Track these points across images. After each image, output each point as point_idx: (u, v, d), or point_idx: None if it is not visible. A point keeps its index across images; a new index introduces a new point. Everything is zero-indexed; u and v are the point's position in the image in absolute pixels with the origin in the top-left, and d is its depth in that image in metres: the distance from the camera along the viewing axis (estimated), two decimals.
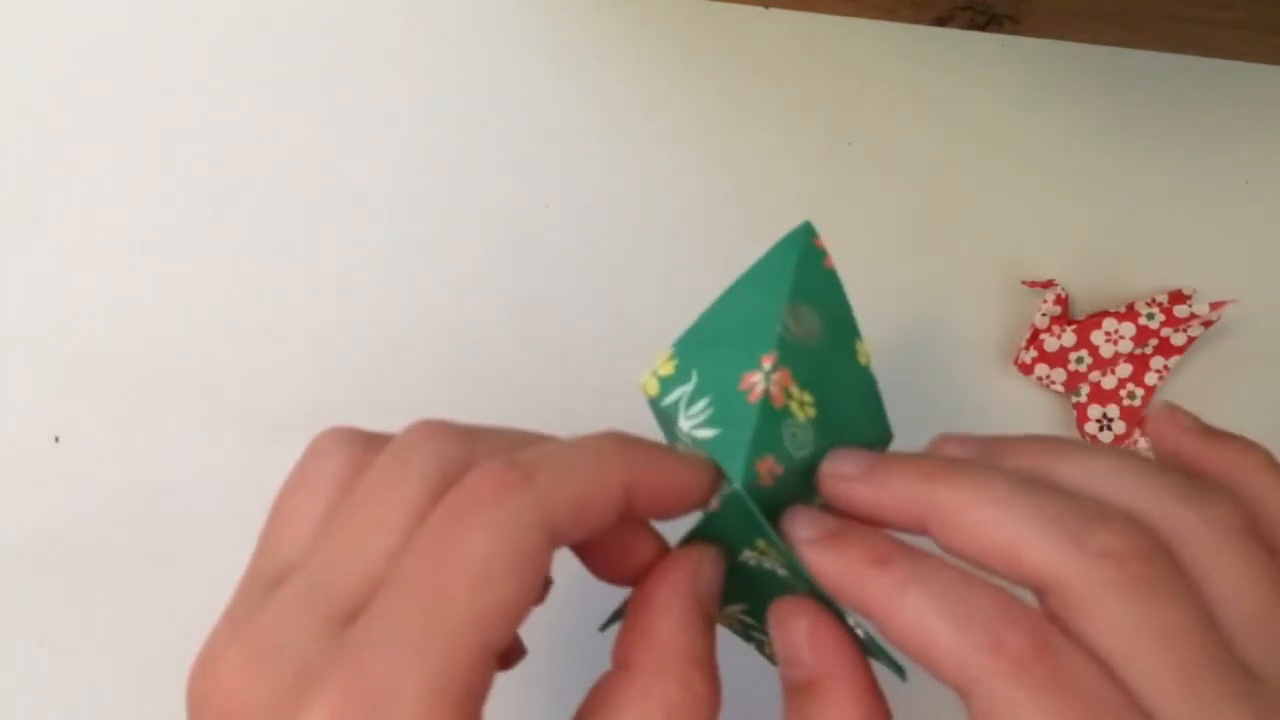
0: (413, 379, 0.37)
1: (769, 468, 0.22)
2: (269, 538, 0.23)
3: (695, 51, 0.38)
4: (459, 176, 0.37)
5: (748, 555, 0.24)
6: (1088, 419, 0.38)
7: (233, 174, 0.37)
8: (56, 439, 0.36)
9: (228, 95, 0.37)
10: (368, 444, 0.24)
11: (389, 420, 0.37)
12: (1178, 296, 0.38)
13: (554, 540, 0.20)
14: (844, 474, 0.23)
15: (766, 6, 0.38)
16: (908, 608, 0.20)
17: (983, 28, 0.39)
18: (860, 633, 0.22)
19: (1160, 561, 0.20)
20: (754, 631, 0.25)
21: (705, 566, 0.23)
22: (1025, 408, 0.38)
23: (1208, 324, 0.37)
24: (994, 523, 0.21)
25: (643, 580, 0.23)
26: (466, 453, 0.22)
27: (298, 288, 0.37)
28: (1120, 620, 0.19)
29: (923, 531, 0.22)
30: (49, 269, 0.36)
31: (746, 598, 0.25)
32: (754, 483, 0.22)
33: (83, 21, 0.37)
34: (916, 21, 0.38)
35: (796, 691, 0.22)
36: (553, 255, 0.38)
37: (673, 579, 0.23)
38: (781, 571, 0.23)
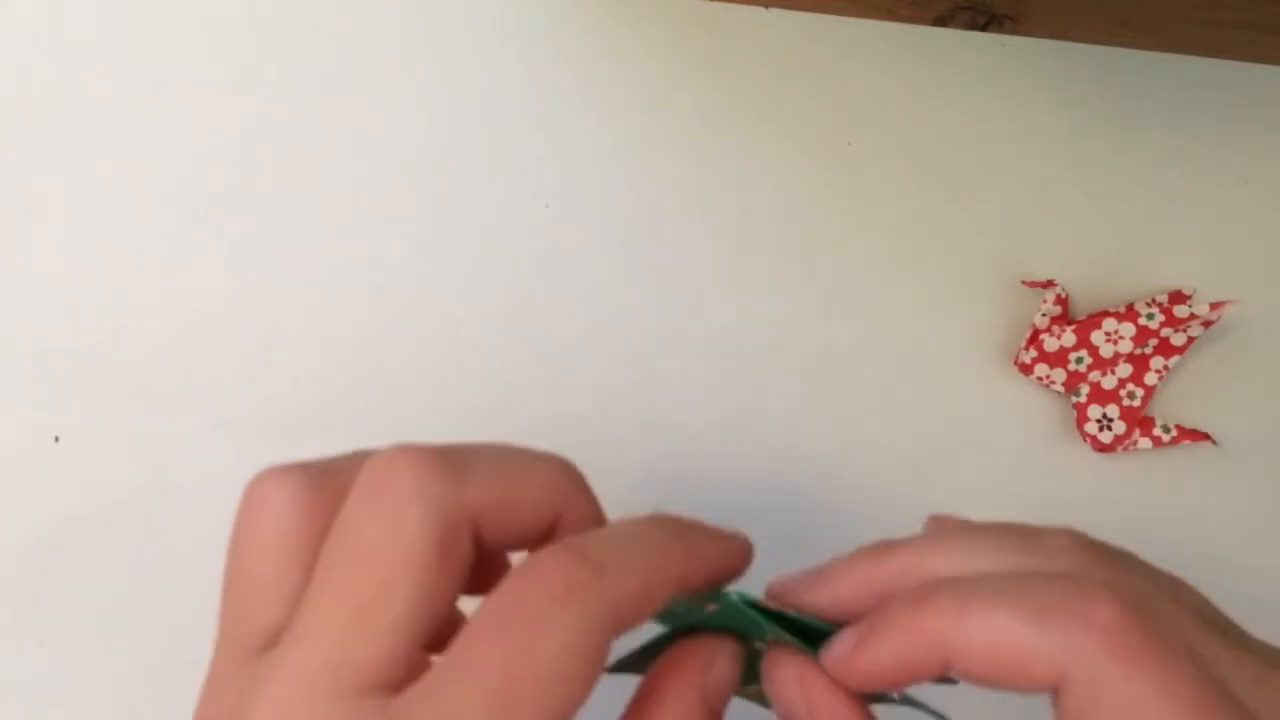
0: (412, 378, 0.37)
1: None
2: (237, 604, 0.22)
3: (695, 51, 0.38)
4: (459, 176, 0.37)
5: (759, 645, 0.24)
6: (1088, 419, 0.38)
7: (233, 174, 0.37)
8: (56, 439, 0.36)
9: (228, 95, 0.37)
10: (317, 483, 0.21)
11: (388, 419, 0.37)
12: (1178, 296, 0.38)
13: (618, 634, 0.20)
14: (840, 654, 0.22)
15: (766, 6, 0.38)
16: (975, 629, 0.19)
17: (983, 28, 0.39)
18: (895, 694, 0.22)
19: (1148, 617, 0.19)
20: None
21: (718, 661, 0.22)
22: (1025, 408, 0.38)
23: (1208, 324, 0.37)
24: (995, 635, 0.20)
25: (655, 669, 0.23)
26: (458, 493, 0.20)
27: (298, 288, 0.37)
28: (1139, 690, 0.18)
29: (946, 669, 0.21)
30: (49, 269, 0.36)
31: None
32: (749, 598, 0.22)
33: (83, 21, 0.37)
34: (916, 21, 0.38)
35: None
36: (553, 255, 0.38)
37: (681, 672, 0.22)
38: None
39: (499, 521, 0.21)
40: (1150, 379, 0.38)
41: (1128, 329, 0.37)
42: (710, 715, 0.22)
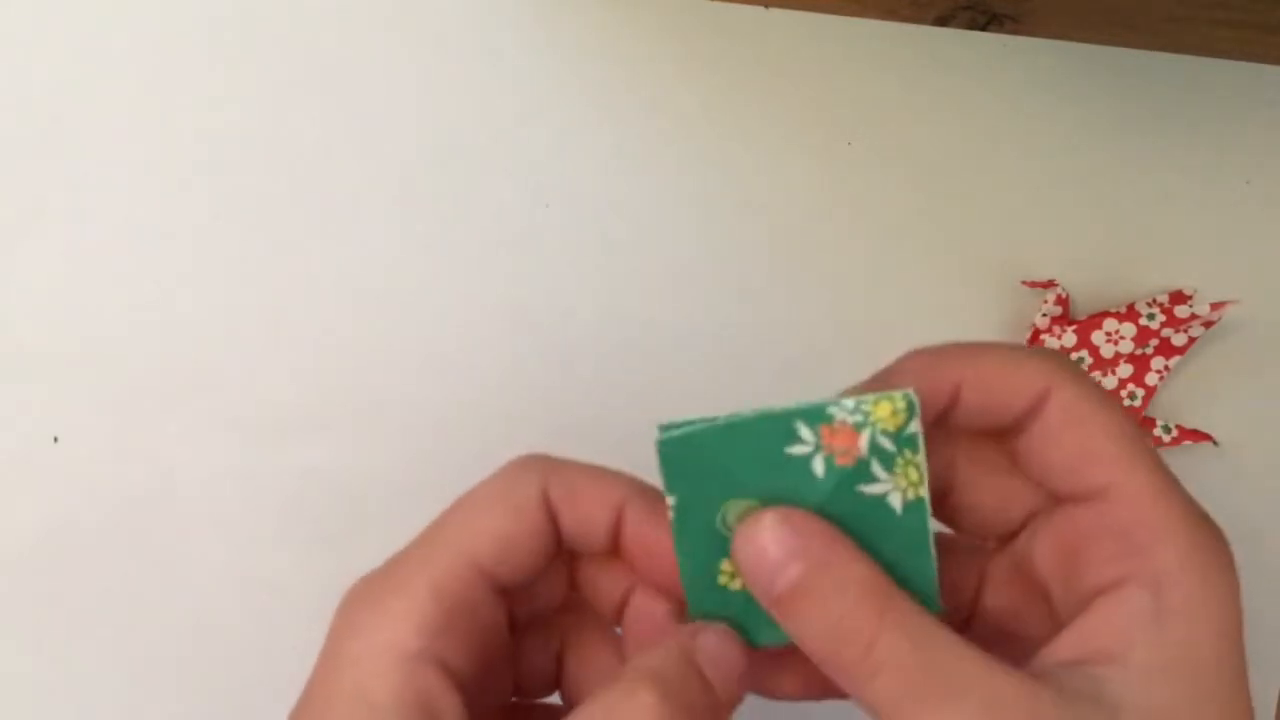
0: (412, 378, 0.37)
1: None
2: None
3: (695, 51, 0.38)
4: (459, 176, 0.37)
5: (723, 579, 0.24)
6: None
7: (233, 174, 0.37)
8: (56, 439, 0.36)
9: (228, 95, 0.37)
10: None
11: (388, 419, 0.37)
12: (1178, 297, 0.38)
13: (548, 502, 0.25)
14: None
15: (766, 6, 0.38)
16: (986, 359, 0.24)
17: (983, 28, 0.39)
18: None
19: None
20: None
21: (708, 631, 0.24)
22: None
23: (1208, 324, 0.37)
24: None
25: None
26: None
27: (298, 287, 0.37)
28: None
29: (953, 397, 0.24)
30: (49, 269, 0.36)
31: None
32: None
33: (83, 21, 0.37)
34: (917, 21, 0.38)
35: (781, 603, 0.22)
36: (553, 255, 0.38)
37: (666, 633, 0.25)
38: None
39: (571, 505, 0.25)
40: (1151, 379, 0.38)
41: (1128, 329, 0.37)
42: (697, 677, 0.23)
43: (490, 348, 0.37)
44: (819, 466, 0.22)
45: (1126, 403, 0.37)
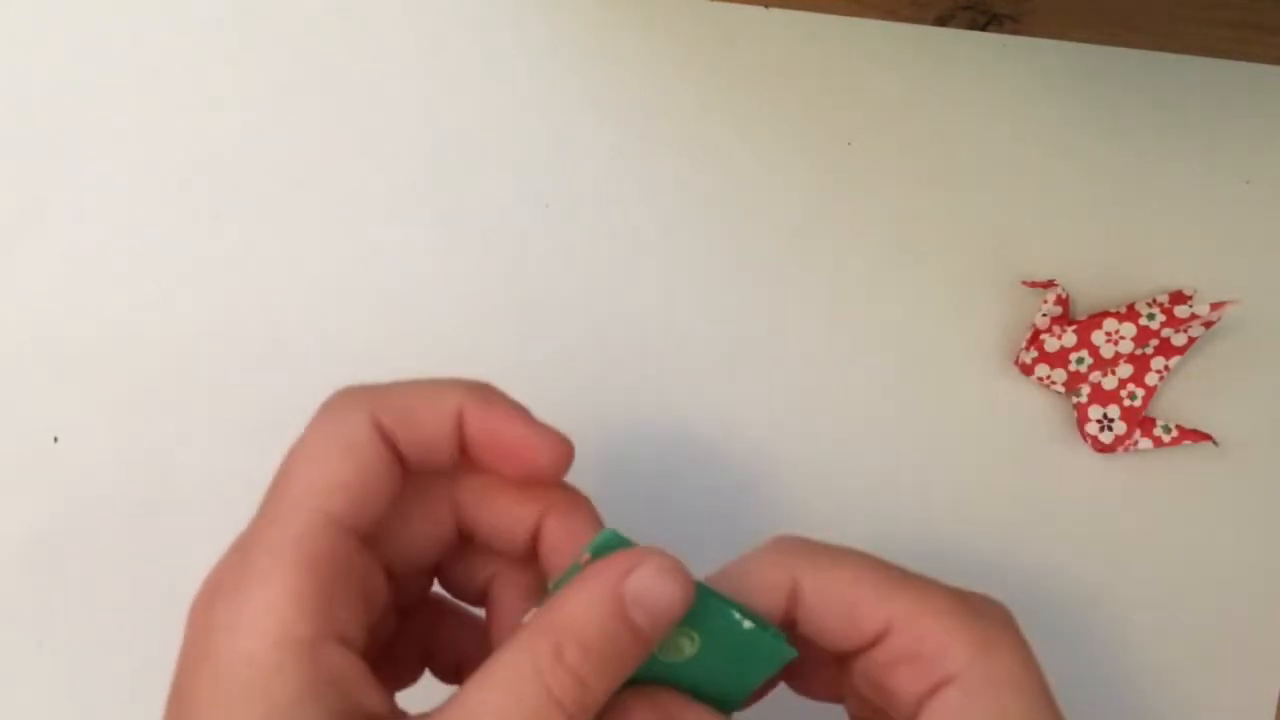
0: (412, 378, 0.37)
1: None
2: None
3: (695, 51, 0.38)
4: (459, 176, 0.37)
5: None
6: (1088, 419, 0.38)
7: (233, 173, 0.37)
8: (56, 439, 0.36)
9: (228, 95, 0.37)
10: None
11: None
12: (1178, 297, 0.38)
13: (383, 432, 0.24)
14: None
15: (767, 6, 0.38)
16: (830, 573, 0.25)
17: (983, 28, 0.39)
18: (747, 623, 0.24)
19: None
20: None
21: (643, 569, 0.22)
22: (1025, 408, 0.38)
23: (1208, 324, 0.37)
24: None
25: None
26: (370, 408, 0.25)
27: (298, 288, 0.37)
28: None
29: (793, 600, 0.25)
30: (49, 269, 0.36)
31: None
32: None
33: (83, 21, 0.37)
34: (917, 21, 0.38)
35: None
36: (553, 255, 0.38)
37: (602, 565, 0.22)
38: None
39: (406, 428, 0.24)
40: (1151, 379, 0.38)
41: (1128, 329, 0.37)
42: (627, 624, 0.22)
43: (490, 347, 0.37)
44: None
45: (1127, 403, 0.37)
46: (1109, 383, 0.38)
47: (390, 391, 0.24)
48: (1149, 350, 0.37)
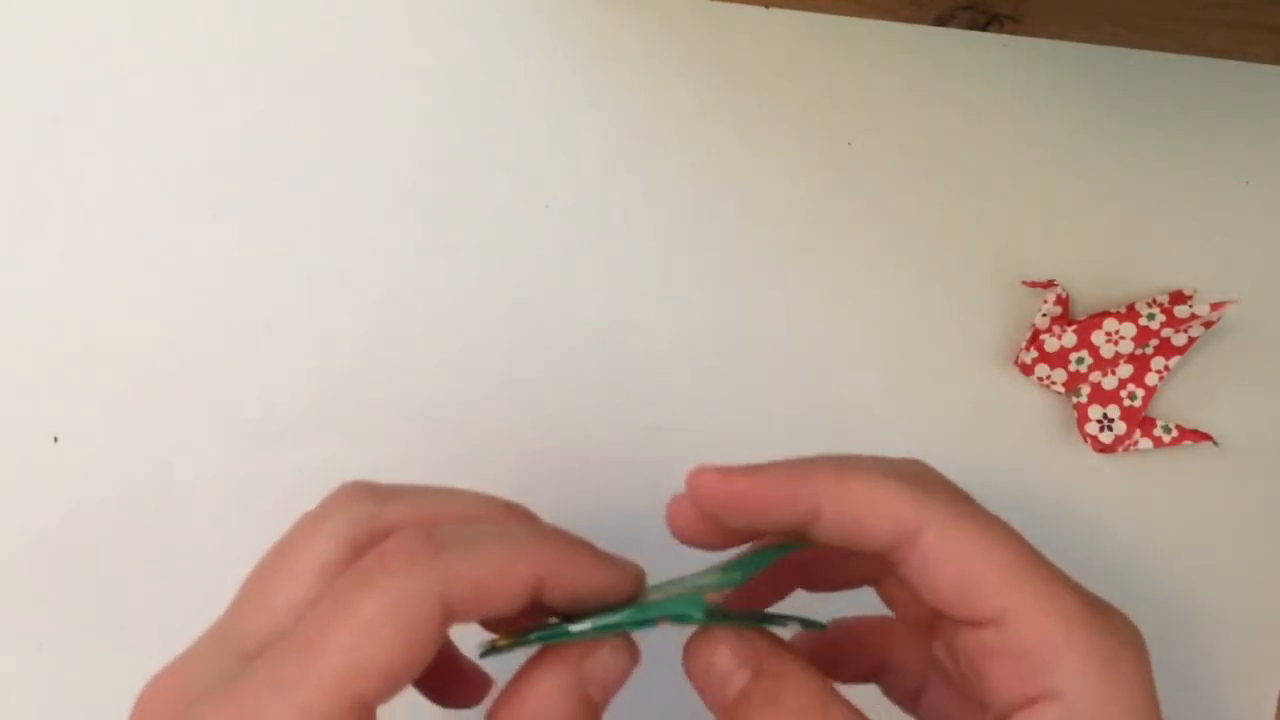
0: (412, 379, 0.37)
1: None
2: (245, 607, 0.25)
3: (695, 51, 0.38)
4: (459, 176, 0.37)
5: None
6: (1088, 419, 0.38)
7: (233, 173, 0.37)
8: (56, 439, 0.36)
9: (228, 94, 0.37)
10: (366, 527, 0.24)
11: (389, 420, 0.37)
12: (1178, 297, 0.38)
13: (448, 615, 0.21)
14: (722, 471, 0.25)
15: (767, 6, 0.38)
16: (853, 482, 0.24)
17: (983, 28, 0.39)
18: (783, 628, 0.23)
19: None
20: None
21: (601, 650, 0.23)
22: (1025, 408, 0.38)
23: (1208, 324, 0.37)
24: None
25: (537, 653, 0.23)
26: (376, 511, 0.24)
27: (298, 287, 0.37)
28: None
29: (814, 515, 0.24)
30: (49, 269, 0.36)
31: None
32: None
33: (83, 21, 0.37)
34: (917, 21, 0.38)
35: (733, 708, 0.22)
36: (553, 255, 0.38)
37: (558, 653, 0.23)
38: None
39: (477, 608, 0.22)
40: (1151, 379, 0.38)
41: (1128, 329, 0.37)
42: (584, 702, 0.22)
43: (490, 347, 0.37)
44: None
45: (1127, 403, 0.37)
46: (1109, 383, 0.38)
47: (458, 562, 0.22)
48: (1149, 350, 0.37)
